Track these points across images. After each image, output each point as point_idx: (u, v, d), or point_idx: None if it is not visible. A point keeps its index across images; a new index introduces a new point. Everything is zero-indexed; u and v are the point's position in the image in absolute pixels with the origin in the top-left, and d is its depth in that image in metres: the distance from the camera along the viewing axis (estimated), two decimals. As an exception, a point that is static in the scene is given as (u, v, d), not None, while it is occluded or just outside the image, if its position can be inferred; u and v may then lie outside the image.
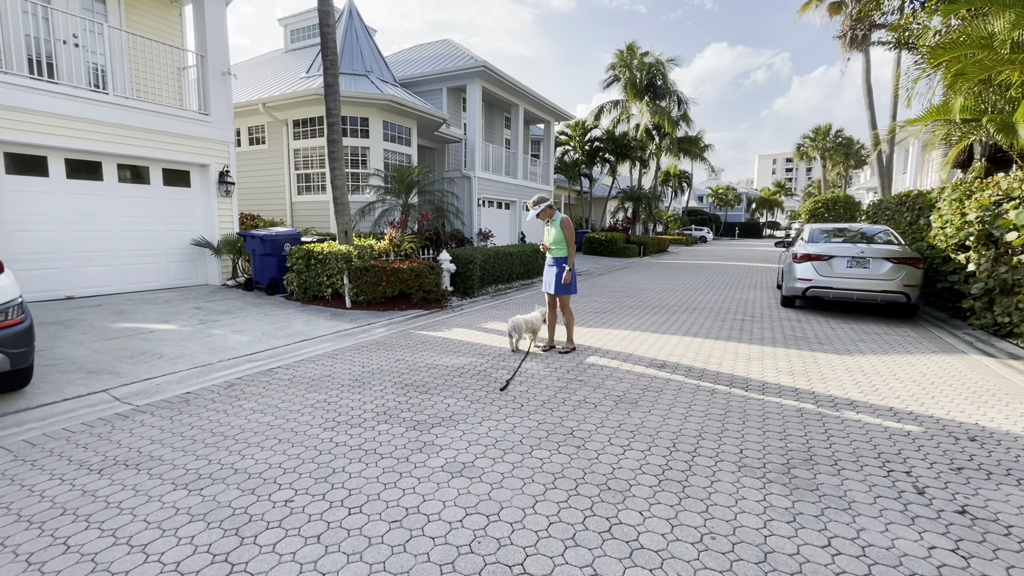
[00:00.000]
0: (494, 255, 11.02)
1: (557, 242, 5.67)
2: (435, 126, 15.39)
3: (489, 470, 2.88)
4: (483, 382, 4.54)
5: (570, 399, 4.09)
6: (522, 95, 19.12)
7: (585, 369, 4.97)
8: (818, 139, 43.06)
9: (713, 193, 68.22)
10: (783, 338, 6.52)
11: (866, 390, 4.43)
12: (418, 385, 4.45)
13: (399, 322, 7.40)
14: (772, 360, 5.42)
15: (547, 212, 5.73)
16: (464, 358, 5.38)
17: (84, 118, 7.63)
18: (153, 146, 8.47)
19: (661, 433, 3.42)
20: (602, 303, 9.40)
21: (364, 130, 13.10)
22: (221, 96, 9.41)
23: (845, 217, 26.74)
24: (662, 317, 7.98)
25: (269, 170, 13.99)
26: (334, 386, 4.45)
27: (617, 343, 6.13)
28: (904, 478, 2.85)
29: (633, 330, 6.93)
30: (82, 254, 7.86)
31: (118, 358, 5.16)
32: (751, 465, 2.98)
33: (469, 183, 17.16)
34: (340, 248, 8.27)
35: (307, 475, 2.83)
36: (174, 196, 9.03)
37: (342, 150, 8.58)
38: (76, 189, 7.74)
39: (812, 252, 8.16)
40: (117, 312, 7.05)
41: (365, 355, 5.53)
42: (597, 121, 27.26)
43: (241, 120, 14.23)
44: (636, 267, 18.09)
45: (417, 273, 8.37)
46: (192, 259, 9.30)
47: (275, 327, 6.74)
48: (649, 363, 5.24)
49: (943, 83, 8.27)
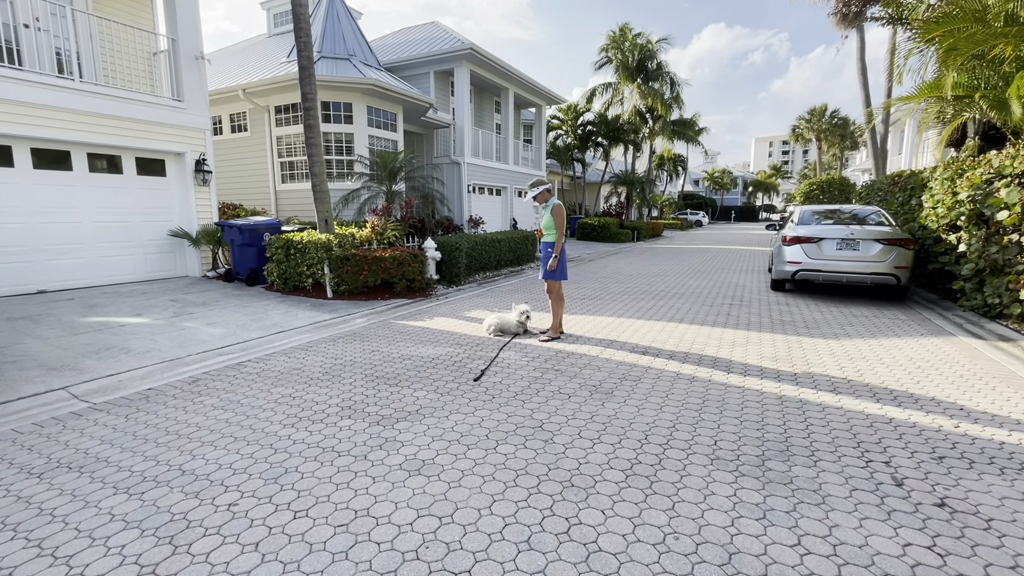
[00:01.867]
0: (481, 242, 10.83)
1: (548, 227, 5.53)
2: (422, 111, 15.06)
3: (449, 467, 2.75)
4: (457, 373, 4.41)
5: (544, 389, 3.95)
6: (512, 78, 18.74)
7: (564, 358, 4.84)
8: (814, 120, 42.66)
9: (709, 177, 67.80)
10: (770, 323, 6.39)
11: (850, 375, 4.31)
12: (389, 377, 4.31)
13: (380, 312, 7.24)
14: (756, 346, 5.29)
15: (544, 196, 5.57)
16: (441, 348, 5.24)
17: (50, 105, 7.36)
18: (125, 134, 8.21)
19: (634, 425, 3.29)
20: (589, 289, 9.25)
21: (348, 116, 12.80)
22: (194, 81, 9.11)
23: (840, 199, 26.57)
24: (649, 303, 7.84)
25: (252, 158, 13.70)
26: (302, 380, 4.30)
27: (600, 330, 5.99)
28: (883, 469, 2.73)
29: (618, 316, 6.79)
30: (54, 247, 7.64)
31: (83, 354, 4.99)
32: (724, 458, 2.85)
33: (458, 169, 16.87)
34: (320, 237, 8.07)
35: (257, 476, 2.69)
36: (149, 186, 8.78)
37: (320, 135, 8.33)
38: (44, 180, 7.49)
39: (801, 234, 8.01)
40: (89, 306, 6.86)
41: (340, 347, 5.38)
42: (589, 104, 26.85)
43: (222, 107, 13.89)
44: (628, 252, 17.92)
45: (400, 262, 8.19)
46: (170, 250, 9.09)
47: (251, 319, 6.58)
48: (631, 350, 5.10)
49: (936, 59, 8.05)
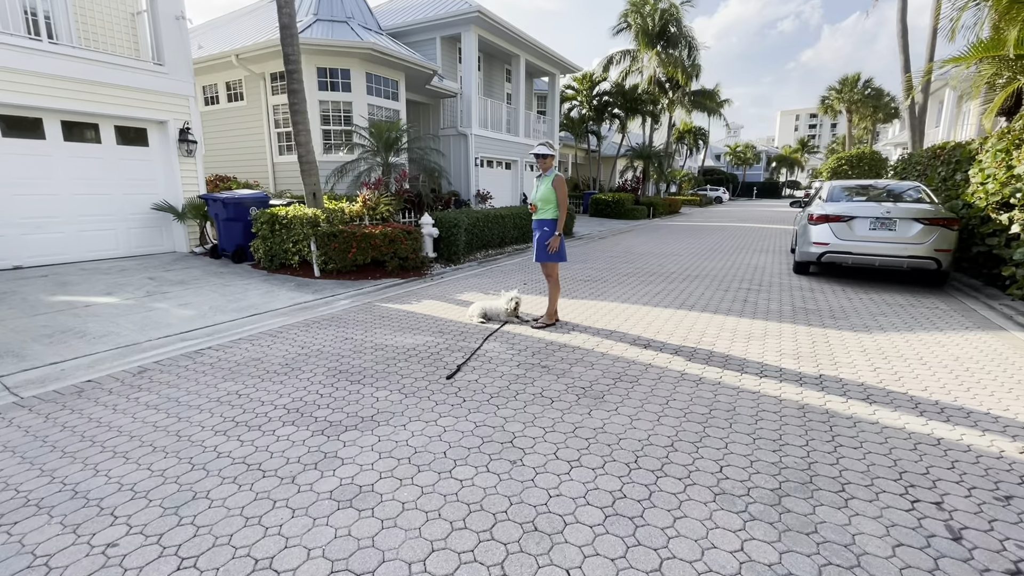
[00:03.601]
0: (483, 218, 10.23)
1: (545, 200, 4.89)
2: (426, 79, 14.28)
3: (389, 498, 2.25)
4: (431, 368, 3.90)
5: (525, 391, 3.42)
6: (523, 45, 17.73)
7: (554, 351, 4.29)
8: (845, 91, 40.39)
9: (731, 151, 65.38)
10: (791, 311, 5.74)
11: (886, 378, 3.69)
12: (353, 372, 3.83)
13: (368, 293, 6.76)
14: (776, 339, 4.67)
15: (547, 161, 4.91)
16: (421, 336, 4.73)
17: (19, 69, 6.88)
18: (101, 100, 7.71)
19: (624, 442, 2.75)
20: (595, 270, 8.63)
21: (345, 83, 12.12)
22: (176, 44, 8.53)
23: (871, 175, 25.18)
24: (658, 286, 7.21)
25: (248, 129, 13.16)
26: (258, 372, 3.84)
27: (600, 317, 5.42)
28: (934, 513, 2.16)
29: (622, 302, 6.19)
30: (29, 220, 7.27)
31: (34, 337, 4.60)
32: (731, 491, 2.30)
33: (465, 141, 16.14)
34: (306, 212, 7.56)
35: (158, 503, 2.23)
36: (131, 156, 8.33)
37: (304, 102, 7.74)
38: (14, 149, 7.07)
39: (830, 212, 7.24)
40: (61, 283, 6.50)
41: (312, 333, 4.91)
42: (606, 73, 25.58)
43: (218, 75, 13.32)
44: (642, 230, 17.13)
45: (391, 239, 7.66)
46: (155, 225, 8.68)
47: (228, 300, 6.15)
48: (632, 342, 4.53)
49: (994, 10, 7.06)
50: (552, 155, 4.85)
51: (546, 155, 4.83)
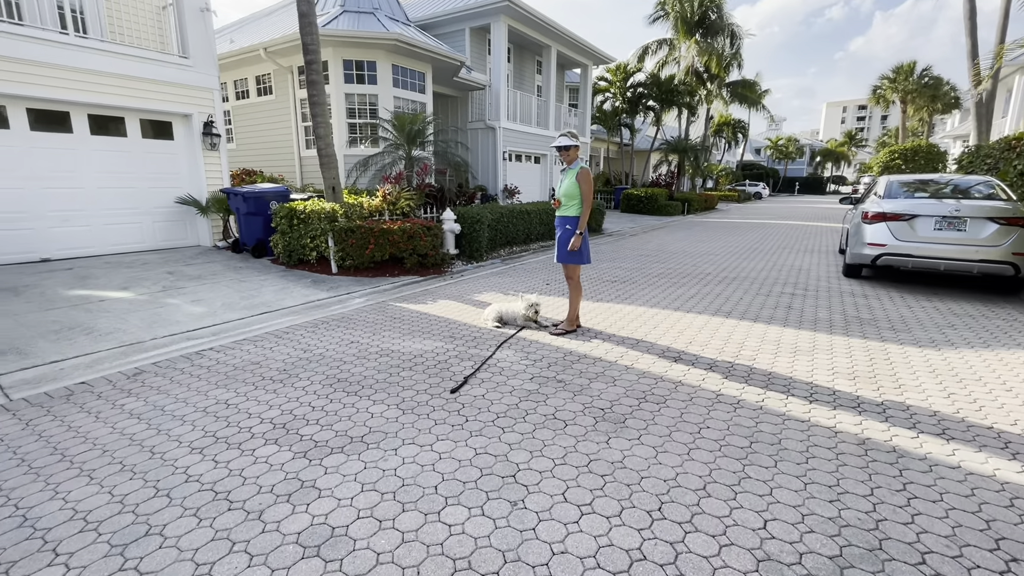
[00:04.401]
0: (508, 213, 9.86)
1: (569, 196, 4.48)
2: (453, 71, 13.97)
3: (363, 545, 1.92)
4: (436, 379, 3.56)
5: (536, 411, 3.04)
6: (555, 35, 17.19)
7: (573, 362, 3.88)
8: (899, 80, 37.89)
9: (772, 145, 62.70)
10: (843, 320, 5.14)
11: (963, 407, 3.14)
12: (353, 381, 3.53)
13: (384, 291, 6.50)
14: (826, 354, 4.13)
15: (570, 153, 4.49)
16: (430, 341, 4.40)
17: (49, 63, 6.91)
18: (127, 94, 7.71)
19: (646, 481, 2.34)
20: (624, 270, 8.14)
21: (372, 75, 11.93)
22: (200, 36, 8.47)
23: (927, 169, 23.52)
24: (692, 289, 6.68)
25: (277, 122, 13.17)
26: (253, 379, 3.60)
27: (627, 324, 4.97)
28: (1049, 603, 1.67)
29: (651, 306, 5.72)
30: (56, 214, 7.34)
31: (41, 334, 4.52)
32: (778, 557, 1.87)
33: (493, 135, 15.78)
34: (324, 206, 7.37)
35: (107, 538, 1.97)
36: (156, 150, 8.33)
37: (324, 93, 7.52)
38: (41, 143, 7.12)
39: (888, 210, 6.54)
40: (82, 277, 6.50)
41: (319, 334, 4.66)
42: (641, 64, 24.68)
43: (247, 69, 13.38)
44: (676, 227, 16.41)
45: (410, 235, 7.38)
46: (180, 219, 8.69)
47: (241, 296, 5.99)
48: (660, 354, 4.08)
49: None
50: (576, 146, 4.43)
51: (568, 147, 4.40)
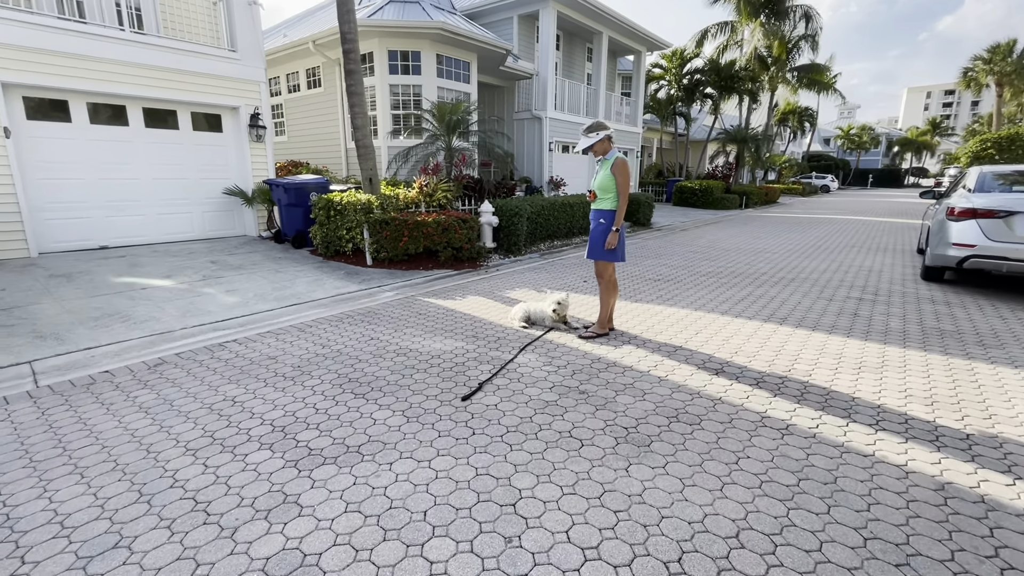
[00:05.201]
0: (548, 206, 9.52)
1: (604, 188, 4.14)
2: (499, 59, 13.68)
3: (332, 580, 1.71)
4: (450, 383, 3.34)
5: (551, 427, 2.75)
6: (607, 20, 16.53)
7: (601, 371, 3.55)
8: (995, 61, 34.08)
9: (844, 134, 58.40)
10: (920, 333, 4.49)
11: (1075, 448, 2.57)
12: (363, 381, 3.36)
13: (415, 284, 6.37)
14: (898, 372, 3.57)
15: (602, 145, 4.15)
16: (451, 341, 4.19)
17: (108, 58, 7.22)
18: (179, 87, 7.96)
19: (667, 523, 2.00)
20: (669, 267, 7.63)
21: (416, 65, 11.86)
22: (248, 29, 8.63)
23: (1025, 160, 21.07)
24: (743, 291, 6.12)
25: (325, 114, 13.40)
26: (266, 375, 3.51)
27: (666, 328, 4.56)
28: None
29: (695, 309, 5.25)
30: (113, 203, 7.70)
31: (82, 320, 4.67)
32: (825, 639, 1.50)
33: (539, 125, 15.42)
34: (360, 197, 7.32)
35: (76, 547, 1.86)
36: (205, 142, 8.58)
37: (362, 83, 7.46)
38: (100, 135, 7.47)
39: (980, 206, 5.71)
40: (132, 264, 6.77)
41: (340, 329, 4.56)
42: (699, 49, 23.40)
43: (298, 63, 13.68)
44: (731, 221, 15.46)
45: (444, 227, 7.21)
46: (227, 209, 8.94)
47: (274, 287, 6.03)
48: (700, 365, 3.67)
49: None
50: (601, 139, 4.06)
51: (598, 139, 4.05)
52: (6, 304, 5.02)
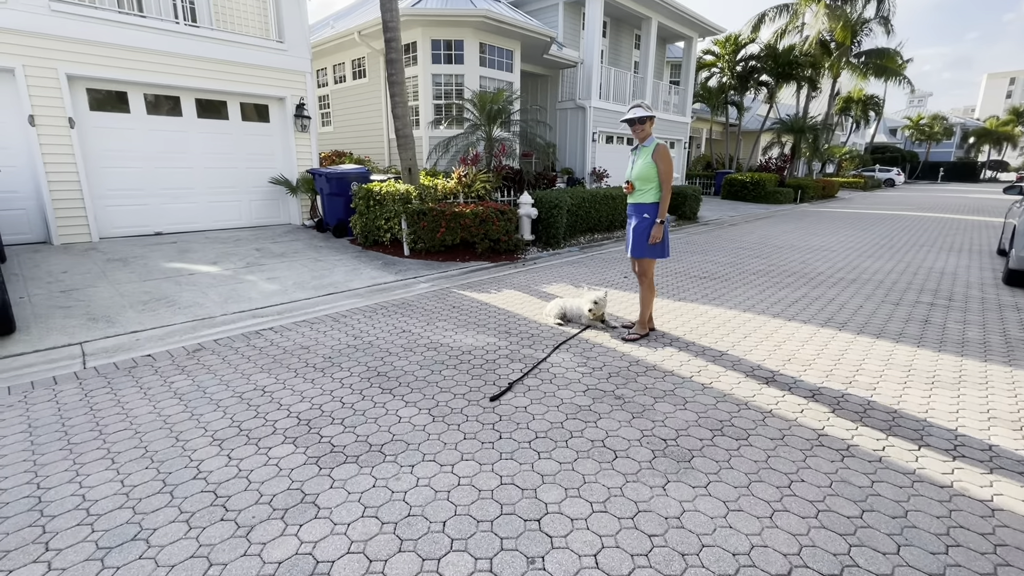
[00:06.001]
0: (589, 198, 9.25)
1: (644, 179, 3.85)
2: (543, 47, 13.39)
3: (342, 592, 1.62)
4: (479, 381, 3.22)
5: (583, 435, 2.58)
6: (656, 5, 15.87)
7: (638, 375, 3.34)
8: (1096, 42, 30.70)
9: (912, 124, 54.28)
10: (1004, 345, 4.02)
11: None
12: (392, 376, 3.30)
13: (451, 276, 6.30)
14: (979, 389, 3.18)
15: (645, 128, 3.83)
16: (483, 336, 4.07)
17: (164, 51, 7.48)
18: (229, 79, 8.17)
19: (708, 552, 1.80)
20: (716, 264, 7.23)
21: (458, 55, 11.76)
22: (296, 20, 8.75)
23: None
24: (797, 291, 5.71)
25: (369, 105, 13.53)
26: (297, 364, 3.50)
27: (711, 330, 4.27)
28: None
29: (744, 310, 4.92)
30: (167, 191, 8.01)
31: (131, 304, 4.84)
32: None
33: (583, 115, 15.04)
34: (399, 188, 7.31)
35: (96, 537, 1.86)
36: (253, 132, 8.80)
37: (403, 72, 7.40)
38: (157, 125, 7.77)
39: (1081, 203, 5.06)
40: (183, 250, 7.02)
41: (374, 320, 4.53)
42: (755, 34, 22.16)
43: (344, 54, 13.85)
44: (785, 216, 14.64)
45: (482, 219, 7.10)
46: (273, 198, 9.16)
47: (313, 275, 6.10)
48: (748, 372, 3.39)
49: None
50: (651, 117, 3.79)
51: (642, 119, 3.77)
52: (67, 286, 5.28)
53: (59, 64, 6.68)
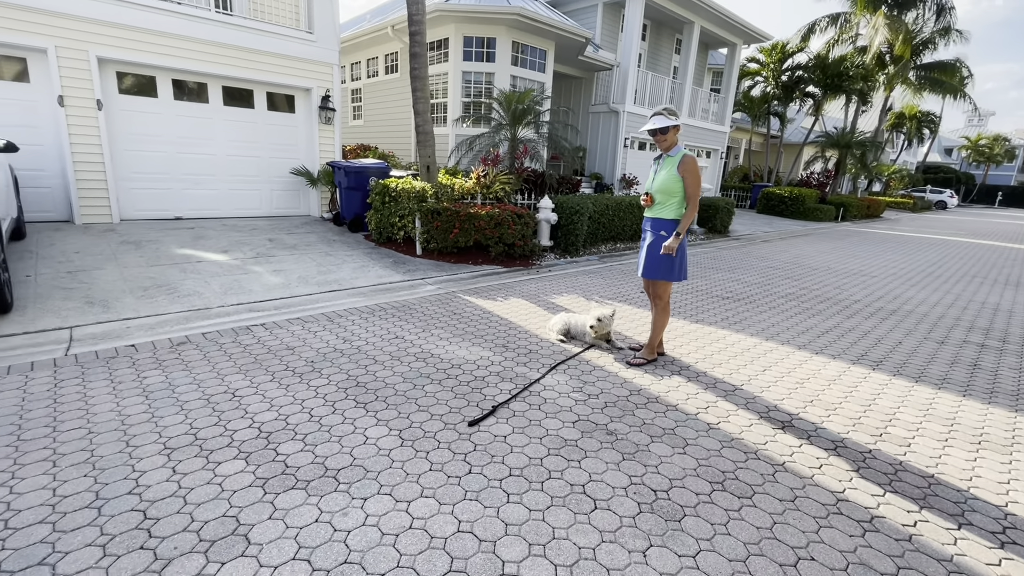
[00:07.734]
0: (613, 205, 8.91)
1: (666, 192, 3.48)
2: (578, 48, 13.06)
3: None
4: (463, 400, 2.97)
5: (563, 475, 2.29)
6: (700, 8, 15.31)
7: (637, 407, 3.02)
8: None
9: (971, 144, 51.37)
10: (1067, 400, 3.52)
11: None
12: (371, 387, 3.08)
13: (460, 280, 6.08)
14: (1035, 454, 2.75)
15: (665, 138, 3.47)
16: (478, 349, 3.82)
17: (195, 37, 7.50)
18: (257, 67, 8.16)
19: (685, 646, 1.50)
20: (742, 284, 6.79)
21: (490, 52, 11.56)
22: (326, 11, 8.69)
23: None
24: (829, 320, 5.25)
25: (399, 99, 13.46)
26: (278, 367, 3.32)
27: (727, 359, 3.91)
28: None
29: (767, 338, 4.51)
30: (190, 176, 8.06)
31: (132, 289, 4.79)
32: None
33: (616, 119, 14.63)
34: (415, 185, 7.13)
35: (4, 556, 1.68)
36: (278, 122, 8.78)
37: (426, 66, 7.23)
38: (183, 111, 7.81)
39: None
40: (197, 237, 7.01)
41: (369, 323, 4.34)
42: (804, 43, 21.23)
43: (377, 48, 13.85)
44: (823, 235, 13.89)
45: (497, 221, 6.85)
46: (294, 189, 9.14)
47: (319, 271, 5.97)
48: (763, 412, 3.04)
49: None
50: (676, 126, 3.45)
51: (665, 129, 3.44)
52: (75, 267, 5.28)
53: (91, 47, 6.75)
